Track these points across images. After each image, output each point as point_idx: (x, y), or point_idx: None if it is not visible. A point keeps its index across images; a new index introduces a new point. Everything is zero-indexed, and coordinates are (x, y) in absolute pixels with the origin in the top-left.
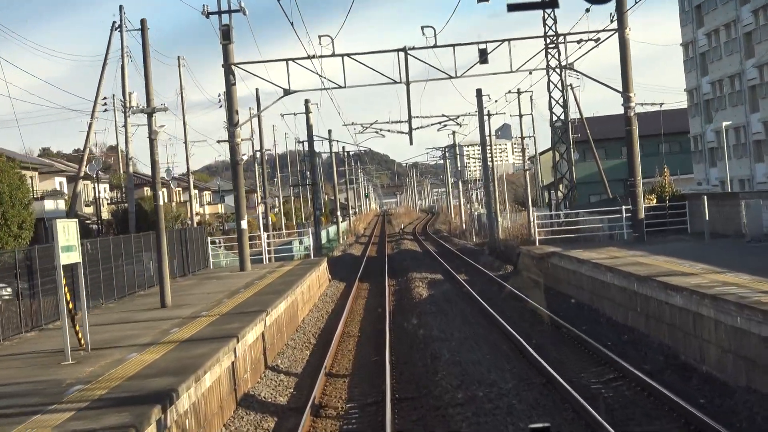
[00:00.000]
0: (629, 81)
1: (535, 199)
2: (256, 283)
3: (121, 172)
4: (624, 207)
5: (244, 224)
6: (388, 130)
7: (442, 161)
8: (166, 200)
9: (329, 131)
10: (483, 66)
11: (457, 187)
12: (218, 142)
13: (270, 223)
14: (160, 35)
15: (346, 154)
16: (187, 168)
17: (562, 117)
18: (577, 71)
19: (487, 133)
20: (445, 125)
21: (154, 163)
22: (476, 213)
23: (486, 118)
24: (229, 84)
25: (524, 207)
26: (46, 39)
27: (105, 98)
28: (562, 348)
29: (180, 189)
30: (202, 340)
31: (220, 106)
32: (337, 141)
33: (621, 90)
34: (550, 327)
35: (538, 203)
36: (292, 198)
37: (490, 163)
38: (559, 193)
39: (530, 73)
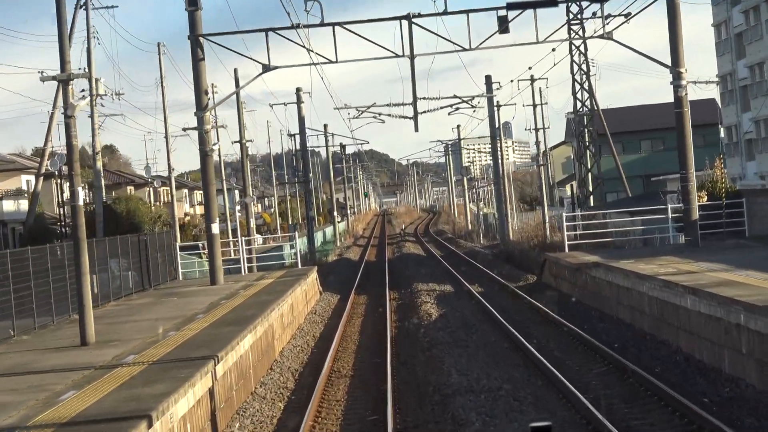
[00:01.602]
0: (680, 54)
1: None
2: (222, 305)
3: (111, 168)
4: (670, 206)
5: (215, 228)
6: (389, 115)
7: (443, 159)
8: (152, 200)
9: (324, 126)
10: (503, 37)
11: (462, 184)
12: (184, 130)
13: (253, 225)
14: (159, 36)
15: (342, 149)
16: (168, 164)
17: (580, 105)
18: (616, 41)
19: (496, 125)
20: (458, 108)
21: (70, 148)
22: (482, 213)
23: (495, 109)
24: (196, 59)
25: (531, 206)
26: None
27: (83, 90)
28: (639, 405)
29: (167, 188)
30: (93, 424)
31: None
32: (333, 134)
33: (670, 64)
34: (611, 367)
35: (548, 202)
36: (288, 198)
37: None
38: (577, 190)
39: (559, 44)
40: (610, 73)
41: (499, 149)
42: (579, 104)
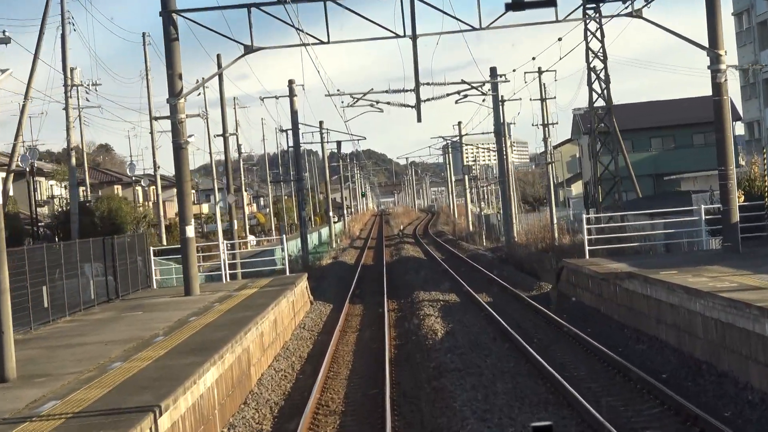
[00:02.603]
0: (718, 34)
1: (543, 197)
2: (189, 323)
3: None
4: (703, 206)
5: (189, 231)
6: (388, 103)
7: (443, 158)
8: (140, 200)
9: (320, 122)
10: (517, 15)
11: (463, 184)
12: (156, 119)
13: (236, 227)
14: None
15: (338, 146)
16: (153, 161)
17: (596, 96)
18: (646, 19)
19: (501, 120)
20: (466, 95)
21: None
22: (483, 213)
23: (500, 103)
24: (169, 38)
25: (533, 207)
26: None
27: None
28: None
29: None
30: None
31: (199, 95)
32: (328, 129)
33: (707, 46)
34: (665, 408)
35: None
36: (284, 197)
37: (499, 159)
38: (591, 189)
39: (577, 23)
40: (616, 70)
41: (504, 145)
42: (593, 96)
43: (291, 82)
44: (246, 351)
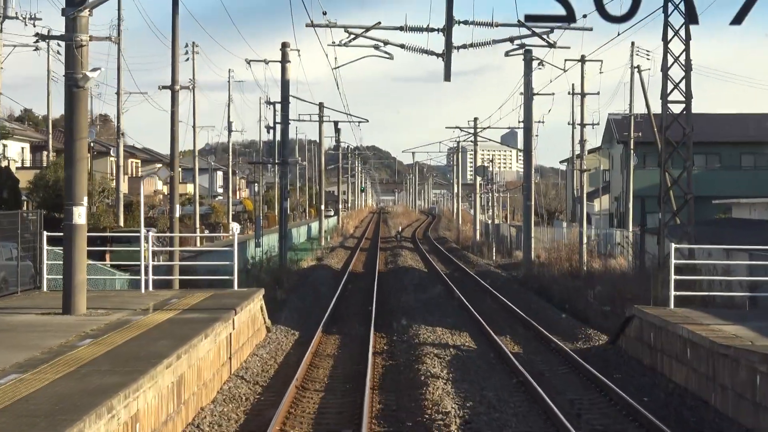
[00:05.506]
0: None
1: (556, 212)
2: None
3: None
4: None
5: (77, 215)
6: (402, 46)
7: (450, 159)
8: (113, 173)
9: (320, 104)
10: None
11: (474, 187)
12: (42, 37)
13: (173, 212)
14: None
15: (335, 126)
16: (117, 127)
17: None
18: None
19: (530, 114)
20: (523, 45)
21: None
22: (493, 222)
23: (530, 96)
24: None
25: (543, 219)
26: None
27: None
28: None
29: (138, 161)
30: None
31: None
32: (324, 106)
33: None
34: None
35: (568, 217)
36: (276, 184)
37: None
38: (660, 210)
39: None
40: (657, 79)
41: (530, 145)
42: (668, 87)
43: (285, 46)
44: None
